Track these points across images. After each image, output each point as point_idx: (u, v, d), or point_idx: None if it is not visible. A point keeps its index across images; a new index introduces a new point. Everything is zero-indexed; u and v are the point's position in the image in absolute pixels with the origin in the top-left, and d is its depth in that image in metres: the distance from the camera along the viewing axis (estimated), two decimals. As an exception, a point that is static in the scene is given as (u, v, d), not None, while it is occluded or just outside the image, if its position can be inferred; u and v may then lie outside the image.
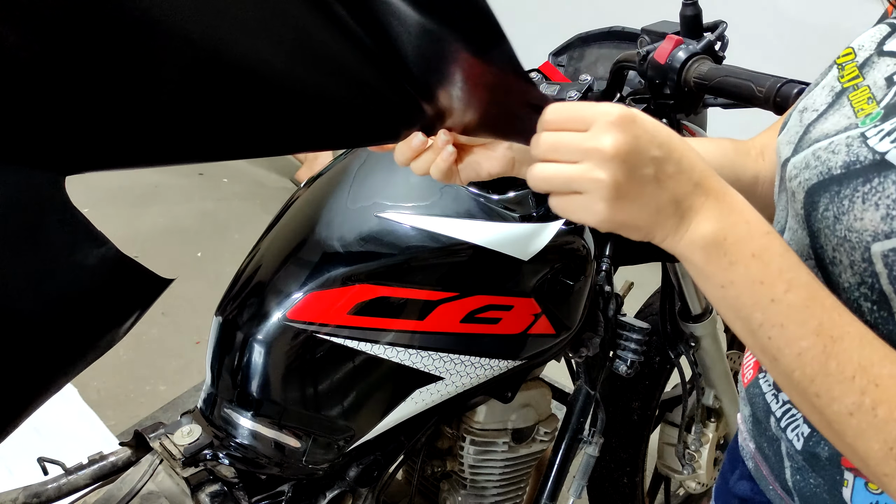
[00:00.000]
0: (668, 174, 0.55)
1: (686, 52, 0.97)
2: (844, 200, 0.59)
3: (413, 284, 0.91)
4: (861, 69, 0.65)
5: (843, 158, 0.60)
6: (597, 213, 0.55)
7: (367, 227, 0.92)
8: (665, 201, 0.56)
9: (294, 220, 0.98)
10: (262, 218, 2.28)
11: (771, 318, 0.56)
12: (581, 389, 1.21)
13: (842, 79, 0.67)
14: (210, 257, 2.86)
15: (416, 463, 1.13)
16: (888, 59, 0.63)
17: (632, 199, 0.55)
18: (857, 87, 0.65)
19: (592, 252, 1.06)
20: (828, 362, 0.54)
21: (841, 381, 0.54)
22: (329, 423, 0.94)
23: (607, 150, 0.53)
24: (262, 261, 0.96)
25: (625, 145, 0.53)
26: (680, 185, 0.56)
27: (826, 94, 0.67)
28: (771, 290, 0.55)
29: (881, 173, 0.56)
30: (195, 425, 0.97)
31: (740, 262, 0.56)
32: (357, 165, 0.99)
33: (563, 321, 1.03)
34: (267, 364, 0.91)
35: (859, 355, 0.54)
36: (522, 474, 1.22)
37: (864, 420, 0.54)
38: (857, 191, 0.58)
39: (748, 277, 0.56)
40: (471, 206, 0.94)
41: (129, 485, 0.94)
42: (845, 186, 0.59)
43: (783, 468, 0.74)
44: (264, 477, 0.98)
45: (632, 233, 0.58)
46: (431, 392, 0.95)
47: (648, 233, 0.57)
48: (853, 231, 0.58)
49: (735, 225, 0.56)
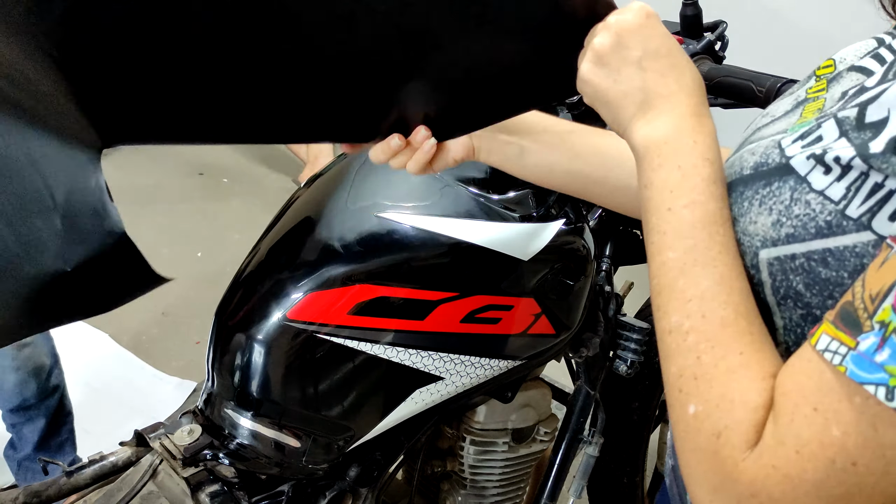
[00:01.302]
0: (654, 68, 0.61)
1: (686, 51, 0.97)
2: (745, 202, 0.58)
3: (413, 284, 0.91)
4: (829, 82, 0.65)
5: (756, 160, 0.59)
6: (579, 70, 0.64)
7: (367, 227, 0.92)
8: (636, 87, 0.61)
9: (294, 220, 0.98)
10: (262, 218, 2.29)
11: (660, 224, 0.58)
12: (581, 389, 1.21)
13: (809, 89, 0.66)
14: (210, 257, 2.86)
15: (416, 463, 1.14)
16: (856, 74, 0.62)
17: (609, 69, 0.62)
18: (816, 98, 0.64)
19: (592, 252, 1.06)
20: (678, 279, 0.56)
21: (679, 300, 0.55)
22: (329, 423, 0.94)
23: (610, 23, 0.62)
24: (262, 261, 0.96)
25: (625, 24, 0.61)
26: (658, 82, 0.61)
27: (789, 102, 0.67)
28: (674, 200, 0.57)
29: (781, 178, 0.56)
30: (195, 425, 0.97)
31: (665, 168, 0.59)
32: (357, 165, 0.99)
33: (563, 321, 1.03)
34: (267, 364, 0.91)
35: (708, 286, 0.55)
36: (522, 474, 1.22)
37: (675, 341, 0.55)
38: (757, 193, 0.58)
39: (664, 183, 0.58)
40: (471, 206, 0.94)
41: (129, 485, 0.94)
42: (749, 188, 0.59)
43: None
44: (264, 477, 0.98)
45: (601, 108, 0.64)
46: (431, 392, 0.95)
47: (614, 113, 0.63)
48: (746, 235, 0.57)
49: (682, 137, 0.59)
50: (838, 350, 0.46)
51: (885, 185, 0.50)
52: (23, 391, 1.68)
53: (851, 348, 0.45)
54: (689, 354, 0.54)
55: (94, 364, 2.11)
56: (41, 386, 1.70)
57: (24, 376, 1.66)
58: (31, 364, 1.67)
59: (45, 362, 1.71)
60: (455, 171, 0.96)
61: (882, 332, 0.44)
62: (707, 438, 0.51)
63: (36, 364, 1.68)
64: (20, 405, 1.70)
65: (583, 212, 1.09)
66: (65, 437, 1.81)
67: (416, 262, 0.92)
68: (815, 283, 0.53)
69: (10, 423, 1.75)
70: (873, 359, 0.44)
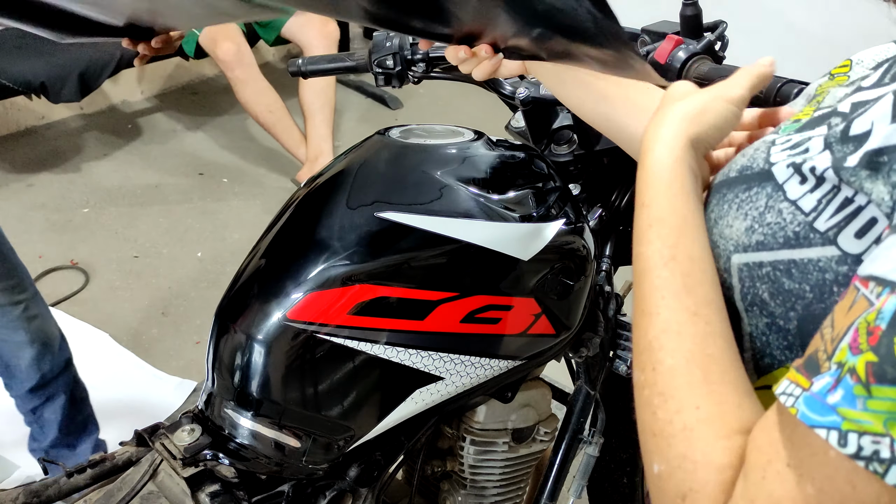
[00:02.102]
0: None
1: (686, 52, 0.97)
2: (725, 205, 0.58)
3: (413, 284, 0.91)
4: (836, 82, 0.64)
5: (744, 162, 0.59)
6: None
7: (367, 227, 0.92)
8: None
9: (294, 220, 0.98)
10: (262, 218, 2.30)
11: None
12: (581, 389, 1.21)
13: (819, 87, 0.66)
14: (210, 257, 2.86)
15: (416, 463, 1.14)
16: (868, 77, 0.60)
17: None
18: (819, 94, 0.64)
19: (592, 252, 1.06)
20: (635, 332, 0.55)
21: (635, 352, 0.55)
22: (329, 423, 0.94)
23: None
24: (262, 261, 0.96)
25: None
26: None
27: (801, 102, 0.67)
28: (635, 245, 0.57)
29: (761, 183, 0.55)
30: (195, 425, 0.97)
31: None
32: (357, 165, 0.99)
33: (563, 321, 1.03)
34: (267, 364, 0.91)
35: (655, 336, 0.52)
36: (522, 474, 1.22)
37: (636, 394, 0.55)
38: (737, 197, 0.57)
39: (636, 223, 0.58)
40: (471, 206, 0.94)
41: (129, 485, 0.94)
42: (731, 190, 0.58)
43: None
44: (264, 477, 0.98)
45: None
46: (431, 392, 0.95)
47: None
48: (722, 237, 0.56)
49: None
50: (793, 392, 0.43)
51: (855, 201, 0.48)
52: (40, 366, 1.65)
53: (805, 389, 0.42)
54: (646, 409, 0.52)
55: (94, 364, 2.12)
56: (55, 359, 1.68)
57: (39, 349, 1.64)
58: (42, 335, 1.65)
59: (55, 332, 1.69)
60: (455, 171, 0.96)
61: (837, 373, 0.41)
62: (672, 500, 0.48)
63: (47, 335, 1.66)
64: (39, 383, 1.67)
65: (583, 212, 1.09)
66: (87, 414, 1.79)
67: (416, 262, 0.92)
68: (778, 293, 0.52)
69: (29, 408, 1.71)
70: (825, 400, 0.41)
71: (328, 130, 3.28)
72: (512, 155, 1.04)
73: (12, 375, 1.67)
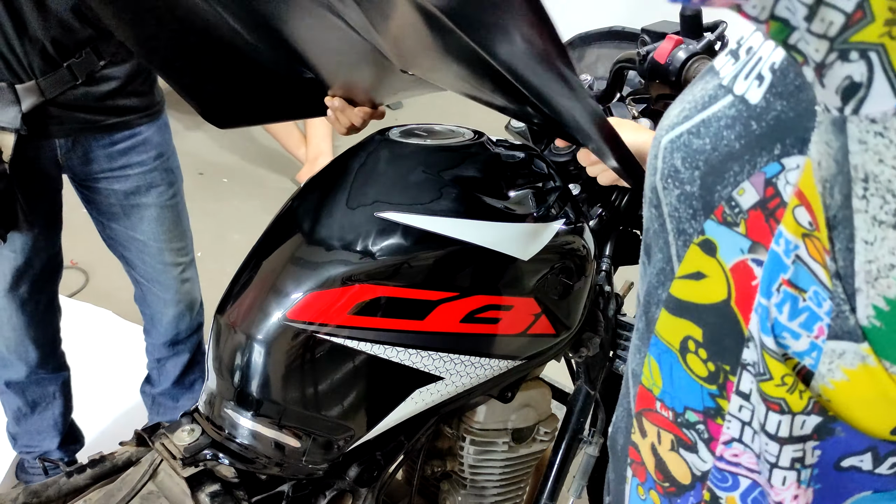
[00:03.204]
0: None
1: (686, 51, 0.97)
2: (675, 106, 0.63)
3: (413, 284, 0.91)
4: None
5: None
6: None
7: (367, 227, 0.92)
8: None
9: (294, 219, 0.98)
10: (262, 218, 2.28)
11: None
12: (581, 389, 1.21)
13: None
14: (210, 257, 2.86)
15: (416, 463, 1.13)
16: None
17: None
18: None
19: (592, 252, 1.06)
20: None
21: None
22: (329, 423, 0.94)
23: None
24: (262, 261, 0.96)
25: None
26: None
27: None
28: None
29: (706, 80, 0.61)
30: (195, 425, 0.97)
31: None
32: (357, 165, 0.99)
33: (563, 321, 1.03)
34: (267, 364, 0.91)
35: None
36: (522, 474, 1.22)
37: None
38: (685, 96, 0.62)
39: None
40: (471, 206, 0.94)
41: (129, 485, 0.94)
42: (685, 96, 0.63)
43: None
44: (264, 477, 0.98)
45: None
46: (431, 392, 0.95)
47: None
48: (661, 129, 0.61)
49: None
50: None
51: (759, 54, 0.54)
52: (178, 324, 1.75)
53: None
54: None
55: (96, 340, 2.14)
56: (192, 321, 1.77)
57: (182, 309, 1.74)
58: (188, 298, 1.74)
59: (198, 298, 1.79)
60: (455, 171, 0.96)
61: None
62: None
63: (192, 298, 1.76)
64: (173, 339, 1.76)
65: (583, 212, 1.09)
66: (197, 376, 1.87)
67: (416, 262, 0.92)
68: (688, 155, 0.57)
69: (157, 357, 1.81)
70: None
71: (328, 130, 3.28)
72: (512, 155, 1.04)
73: (154, 326, 1.76)
